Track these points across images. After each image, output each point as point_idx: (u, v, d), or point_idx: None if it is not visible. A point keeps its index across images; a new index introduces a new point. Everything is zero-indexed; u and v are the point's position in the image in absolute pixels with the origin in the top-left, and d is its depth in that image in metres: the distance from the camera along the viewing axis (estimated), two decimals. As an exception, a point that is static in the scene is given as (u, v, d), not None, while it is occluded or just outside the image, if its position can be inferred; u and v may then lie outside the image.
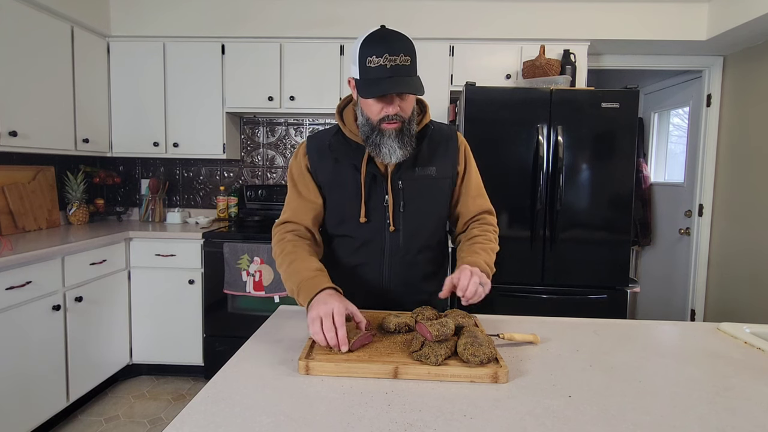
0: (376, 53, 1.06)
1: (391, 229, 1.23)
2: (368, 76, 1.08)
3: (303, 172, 1.27)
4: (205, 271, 2.72)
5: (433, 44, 2.84)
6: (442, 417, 0.72)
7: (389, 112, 1.11)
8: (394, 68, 1.06)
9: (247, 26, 2.91)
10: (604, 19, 2.82)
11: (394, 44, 1.07)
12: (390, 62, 1.05)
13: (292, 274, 1.12)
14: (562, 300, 2.49)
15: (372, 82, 1.07)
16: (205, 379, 2.82)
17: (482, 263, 1.17)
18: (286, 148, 3.37)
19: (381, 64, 1.06)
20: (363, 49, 1.08)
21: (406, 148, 1.16)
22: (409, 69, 1.08)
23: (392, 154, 1.15)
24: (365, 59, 1.07)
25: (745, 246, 2.87)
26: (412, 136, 1.18)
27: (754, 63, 2.84)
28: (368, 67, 1.07)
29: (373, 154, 1.18)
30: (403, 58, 1.06)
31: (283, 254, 1.19)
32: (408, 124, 1.16)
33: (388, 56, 1.05)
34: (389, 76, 1.06)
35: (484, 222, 1.33)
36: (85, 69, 2.76)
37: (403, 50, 1.07)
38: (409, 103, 1.15)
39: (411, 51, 1.09)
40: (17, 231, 2.55)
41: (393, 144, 1.14)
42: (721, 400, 0.79)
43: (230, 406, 0.75)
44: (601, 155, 2.45)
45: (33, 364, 2.05)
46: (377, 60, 1.06)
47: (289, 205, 1.29)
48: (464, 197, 1.32)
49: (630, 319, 1.34)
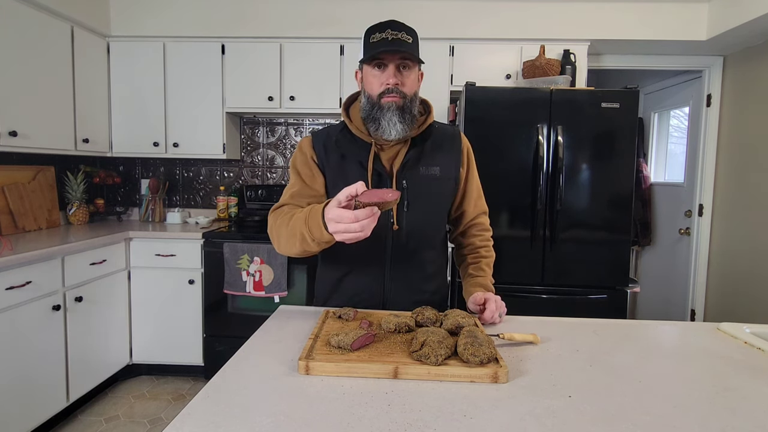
0: (379, 30, 1.13)
1: (395, 228, 1.23)
2: (370, 48, 1.14)
3: (309, 163, 1.25)
4: (205, 271, 2.71)
5: (433, 44, 2.84)
6: (442, 417, 0.72)
7: (389, 83, 1.14)
8: (396, 41, 1.12)
9: (247, 26, 2.91)
10: (604, 19, 2.82)
11: (398, 25, 1.14)
12: (392, 36, 1.12)
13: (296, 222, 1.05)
14: (562, 300, 2.49)
15: (372, 49, 1.13)
16: (205, 379, 2.82)
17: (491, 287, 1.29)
18: (286, 148, 3.37)
19: (383, 37, 1.12)
20: (368, 32, 1.16)
21: (407, 123, 1.17)
22: (410, 46, 1.14)
23: (392, 128, 1.15)
24: (369, 37, 1.15)
25: (745, 246, 2.87)
26: (414, 116, 1.19)
27: (754, 63, 2.84)
28: (372, 42, 1.14)
29: (373, 130, 1.18)
30: (405, 36, 1.13)
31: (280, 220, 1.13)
32: (410, 102, 1.17)
33: (391, 31, 1.12)
34: (390, 48, 1.12)
35: (482, 228, 1.37)
36: (85, 69, 2.76)
37: (405, 30, 1.14)
38: (410, 81, 1.18)
39: (413, 35, 1.16)
40: (17, 231, 2.55)
41: (393, 117, 1.15)
42: (721, 400, 0.79)
43: (230, 406, 0.75)
44: (601, 155, 2.45)
45: (33, 364, 2.05)
46: (380, 35, 1.13)
47: (288, 191, 1.24)
48: (467, 199, 1.33)
49: (630, 319, 1.34)
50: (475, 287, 1.27)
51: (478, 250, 1.34)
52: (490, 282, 1.30)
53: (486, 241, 1.36)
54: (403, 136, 1.18)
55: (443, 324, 1.05)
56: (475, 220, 1.36)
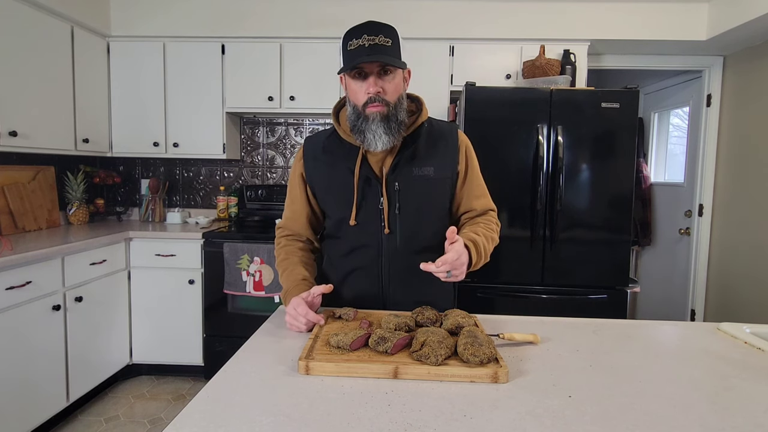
0: (355, 36, 1.09)
1: (386, 232, 1.21)
2: (347, 57, 1.11)
3: (296, 180, 1.30)
4: (205, 271, 2.72)
5: (433, 44, 2.84)
6: (442, 417, 0.72)
7: (371, 92, 1.11)
8: (373, 47, 1.08)
9: (247, 26, 2.91)
10: (604, 19, 2.82)
11: (374, 28, 1.10)
12: (369, 41, 1.08)
13: (282, 283, 1.26)
14: (562, 300, 2.49)
15: (350, 59, 1.10)
16: (205, 379, 2.82)
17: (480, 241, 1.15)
18: (286, 148, 3.37)
19: (360, 44, 1.08)
20: (345, 38, 1.12)
21: (393, 133, 1.13)
22: (389, 49, 1.10)
23: (377, 140, 1.13)
24: (346, 44, 1.11)
25: (745, 246, 2.87)
26: (401, 123, 1.15)
27: (754, 63, 2.84)
28: (349, 50, 1.10)
29: (360, 142, 1.17)
30: (382, 39, 1.09)
31: (278, 261, 1.31)
32: (394, 109, 1.14)
33: (367, 36, 1.08)
34: (367, 54, 1.08)
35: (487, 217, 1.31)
36: (85, 69, 2.76)
37: (382, 32, 1.10)
38: (393, 86, 1.13)
39: (392, 35, 1.11)
40: (17, 231, 2.55)
41: (378, 129, 1.12)
42: (721, 400, 0.79)
43: (230, 406, 0.75)
44: (601, 155, 2.45)
45: (33, 364, 2.05)
46: (357, 42, 1.09)
47: (285, 210, 1.34)
48: (467, 198, 1.28)
49: (630, 319, 1.34)
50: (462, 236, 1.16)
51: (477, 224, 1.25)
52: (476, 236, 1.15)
53: (489, 221, 1.27)
54: (390, 146, 1.15)
55: (443, 324, 1.05)
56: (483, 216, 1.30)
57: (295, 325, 1.08)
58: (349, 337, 0.93)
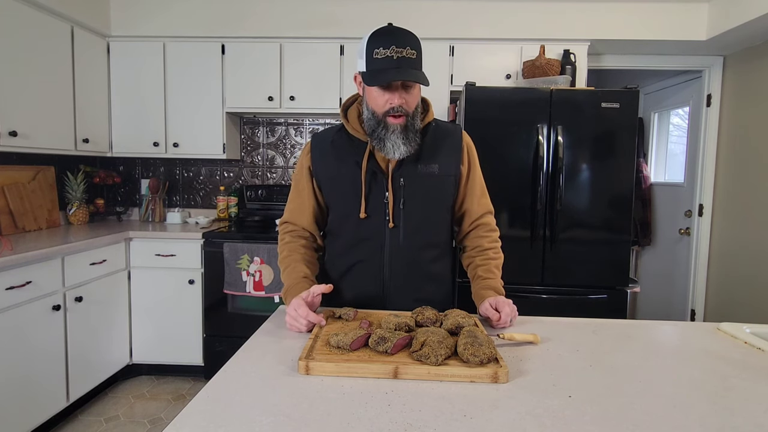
0: (383, 45, 1.09)
1: (390, 226, 1.23)
2: (375, 67, 1.11)
3: (303, 172, 1.30)
4: (205, 271, 2.72)
5: (433, 44, 2.84)
6: (442, 417, 0.72)
7: (394, 103, 1.13)
8: (401, 60, 1.09)
9: (246, 26, 2.91)
10: (604, 19, 2.82)
11: (401, 38, 1.10)
12: (397, 53, 1.09)
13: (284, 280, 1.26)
14: (562, 300, 2.49)
15: (378, 71, 1.10)
16: (205, 379, 2.82)
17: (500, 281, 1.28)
18: (286, 148, 3.37)
19: (388, 55, 1.09)
20: (371, 42, 1.11)
21: (411, 144, 1.18)
22: (415, 62, 1.11)
23: (396, 150, 1.17)
24: (372, 51, 1.10)
25: (745, 246, 2.87)
26: (417, 132, 1.20)
27: (754, 63, 2.84)
28: (375, 58, 1.10)
29: (378, 148, 1.19)
30: (409, 51, 1.10)
31: (280, 257, 1.31)
32: (412, 119, 1.18)
33: (395, 48, 1.09)
34: (396, 67, 1.09)
35: (489, 229, 1.34)
36: (85, 69, 2.76)
37: (409, 44, 1.10)
38: (414, 97, 1.17)
39: (417, 47, 1.13)
40: (17, 231, 2.55)
41: (397, 140, 1.16)
42: (721, 400, 0.79)
43: (230, 406, 0.75)
44: (601, 155, 2.45)
45: (33, 364, 2.05)
46: (384, 51, 1.09)
47: (289, 204, 1.34)
48: (470, 197, 1.32)
49: (630, 319, 1.34)
50: (486, 290, 1.24)
51: (487, 251, 1.31)
52: (500, 285, 1.27)
53: (494, 242, 1.33)
54: (408, 155, 1.19)
55: (443, 324, 1.05)
56: (480, 220, 1.33)
57: (295, 326, 1.08)
58: (349, 337, 0.93)
